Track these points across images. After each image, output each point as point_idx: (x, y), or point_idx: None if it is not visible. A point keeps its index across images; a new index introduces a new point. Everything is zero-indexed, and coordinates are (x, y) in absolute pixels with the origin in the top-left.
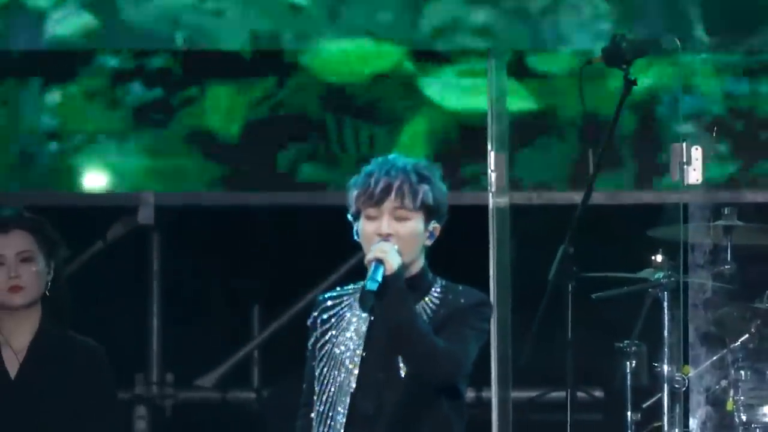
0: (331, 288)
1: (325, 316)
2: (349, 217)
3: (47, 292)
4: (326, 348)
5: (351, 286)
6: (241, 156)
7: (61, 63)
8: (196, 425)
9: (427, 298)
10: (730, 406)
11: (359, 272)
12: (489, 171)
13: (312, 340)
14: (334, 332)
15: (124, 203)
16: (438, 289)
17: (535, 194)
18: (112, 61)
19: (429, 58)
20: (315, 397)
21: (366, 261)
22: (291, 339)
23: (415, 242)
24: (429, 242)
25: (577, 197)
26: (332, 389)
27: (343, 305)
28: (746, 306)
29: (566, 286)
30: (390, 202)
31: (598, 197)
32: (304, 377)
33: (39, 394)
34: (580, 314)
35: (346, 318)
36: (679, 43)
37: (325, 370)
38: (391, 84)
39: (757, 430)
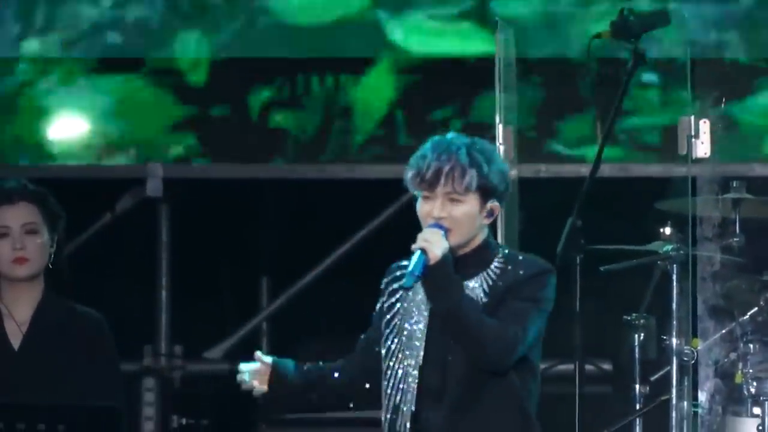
0: (338, 261)
1: (395, 285)
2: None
3: (50, 265)
4: (395, 321)
5: None
6: (209, 99)
7: None
8: (204, 397)
9: (484, 273)
10: (738, 378)
11: (368, 245)
12: (497, 144)
13: (379, 305)
14: (400, 304)
15: (132, 175)
16: (499, 261)
17: (543, 167)
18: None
19: (394, 1)
20: (383, 370)
21: (412, 248)
22: (300, 311)
23: (469, 223)
24: (487, 221)
25: (584, 170)
26: (403, 363)
27: None
28: (755, 279)
29: (574, 259)
30: (441, 187)
31: (606, 169)
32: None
33: (42, 365)
34: (588, 287)
35: (411, 289)
36: (686, 16)
37: (395, 341)
38: (356, 28)
39: (766, 402)
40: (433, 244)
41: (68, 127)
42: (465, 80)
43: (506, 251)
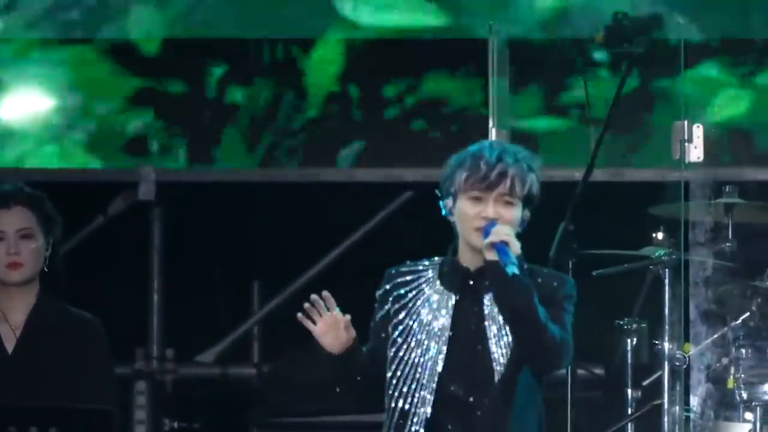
0: (330, 265)
1: (401, 291)
2: (439, 192)
3: (45, 269)
4: (406, 323)
5: (425, 262)
6: (164, 74)
7: None
8: (196, 401)
9: None
10: (730, 383)
11: (361, 248)
12: None
13: (382, 312)
14: (411, 307)
15: (124, 179)
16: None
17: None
18: None
19: None
20: (390, 374)
21: (485, 244)
22: (291, 315)
23: (515, 228)
24: (520, 229)
25: (577, 174)
26: (417, 369)
27: (420, 280)
28: (747, 284)
29: (567, 263)
30: (500, 188)
31: (599, 174)
32: (369, 341)
33: (37, 369)
34: (580, 291)
35: (425, 294)
36: (681, 21)
37: (405, 347)
38: (306, 1)
39: (758, 407)
40: (511, 237)
41: (25, 104)
42: (416, 55)
43: (526, 264)
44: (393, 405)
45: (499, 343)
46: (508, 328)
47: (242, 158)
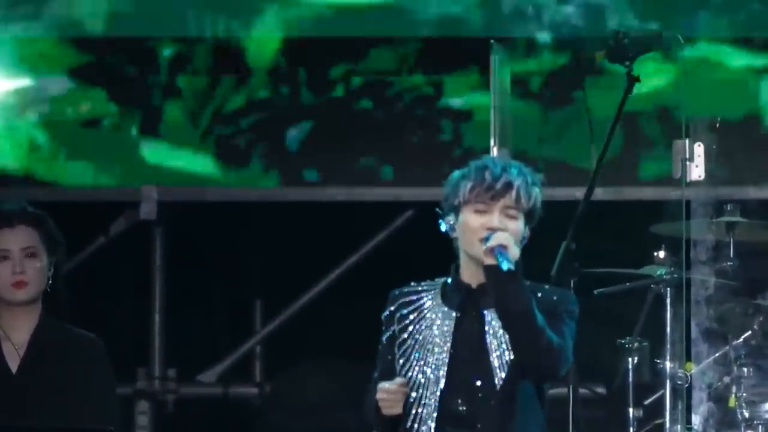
0: (332, 283)
1: (405, 311)
2: (439, 210)
3: (48, 288)
4: (408, 343)
5: (428, 282)
6: (110, 47)
7: None
8: (198, 420)
9: None
10: (732, 402)
11: (362, 267)
12: None
13: (389, 334)
14: (416, 327)
15: (126, 198)
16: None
17: None
18: None
19: None
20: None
21: (485, 248)
22: (293, 334)
23: (517, 242)
24: (520, 246)
25: (578, 193)
26: (419, 388)
27: (423, 300)
28: (749, 302)
29: (568, 282)
30: (505, 200)
31: (600, 193)
32: (377, 365)
33: (40, 388)
34: (582, 310)
35: (428, 313)
36: (681, 39)
37: (407, 366)
38: None
39: (760, 426)
40: (511, 243)
41: None
42: (360, 31)
43: (527, 281)
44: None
45: (500, 359)
46: (508, 343)
47: (188, 136)
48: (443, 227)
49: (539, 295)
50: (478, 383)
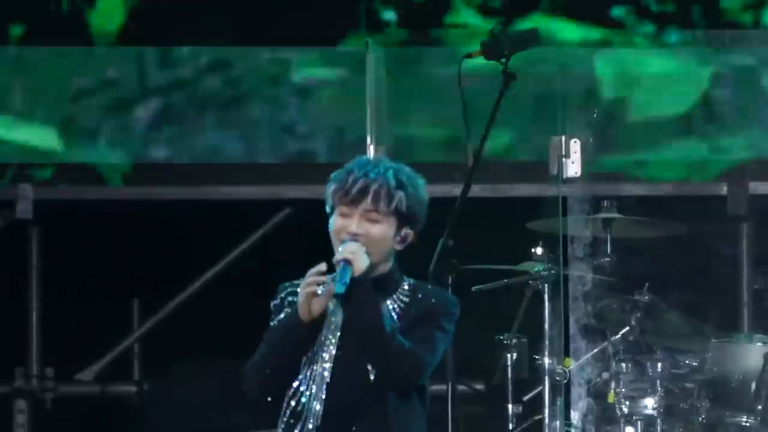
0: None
1: (295, 299)
2: (327, 209)
3: None
4: None
5: None
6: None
7: None
8: (77, 419)
9: (395, 296)
10: (611, 398)
11: (238, 268)
12: None
13: (280, 316)
14: None
15: (1, 197)
16: (406, 287)
17: None
18: None
19: None
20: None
21: (334, 260)
22: (171, 333)
23: (384, 245)
24: (399, 247)
25: (455, 190)
26: (309, 379)
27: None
28: (626, 298)
29: (446, 278)
30: (364, 204)
31: (477, 190)
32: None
33: None
34: (460, 307)
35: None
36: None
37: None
38: None
39: (639, 422)
40: (357, 256)
41: None
42: (207, 12)
43: (411, 280)
44: (286, 404)
45: None
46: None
47: (34, 110)
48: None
49: (419, 296)
50: (357, 380)
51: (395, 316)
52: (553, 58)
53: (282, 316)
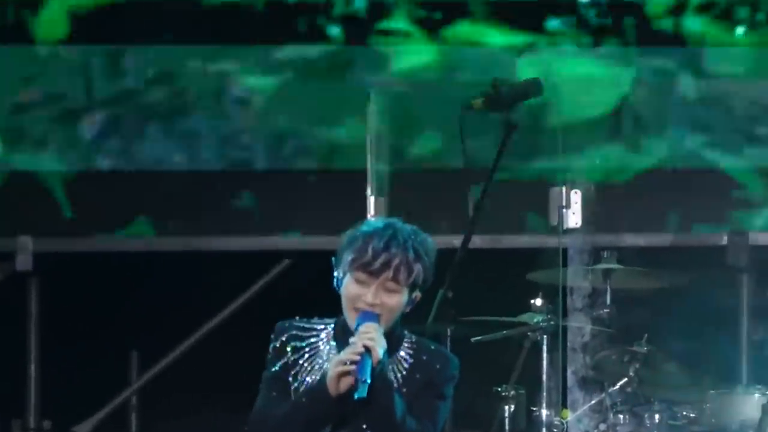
0: (207, 334)
1: (300, 344)
2: (338, 272)
3: None
4: (301, 377)
5: (316, 319)
6: None
7: None
8: None
9: (397, 355)
10: None
11: (234, 321)
12: (368, 216)
13: (282, 362)
14: (307, 365)
15: (1, 249)
16: (408, 344)
17: None
18: None
19: None
20: None
21: (352, 341)
22: (169, 385)
23: (398, 312)
24: (408, 309)
25: (456, 241)
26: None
27: (317, 338)
28: (625, 349)
29: (445, 330)
30: (384, 276)
31: (478, 241)
32: (270, 389)
33: None
34: (459, 358)
35: (321, 353)
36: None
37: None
38: None
39: None
40: (376, 342)
41: None
42: (154, 20)
43: (413, 337)
44: None
45: None
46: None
47: None
48: (335, 280)
49: (424, 358)
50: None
51: (399, 378)
52: (475, 61)
53: (307, 383)
